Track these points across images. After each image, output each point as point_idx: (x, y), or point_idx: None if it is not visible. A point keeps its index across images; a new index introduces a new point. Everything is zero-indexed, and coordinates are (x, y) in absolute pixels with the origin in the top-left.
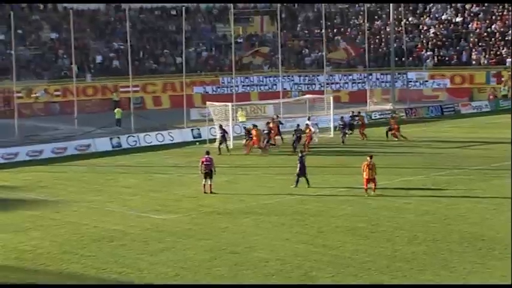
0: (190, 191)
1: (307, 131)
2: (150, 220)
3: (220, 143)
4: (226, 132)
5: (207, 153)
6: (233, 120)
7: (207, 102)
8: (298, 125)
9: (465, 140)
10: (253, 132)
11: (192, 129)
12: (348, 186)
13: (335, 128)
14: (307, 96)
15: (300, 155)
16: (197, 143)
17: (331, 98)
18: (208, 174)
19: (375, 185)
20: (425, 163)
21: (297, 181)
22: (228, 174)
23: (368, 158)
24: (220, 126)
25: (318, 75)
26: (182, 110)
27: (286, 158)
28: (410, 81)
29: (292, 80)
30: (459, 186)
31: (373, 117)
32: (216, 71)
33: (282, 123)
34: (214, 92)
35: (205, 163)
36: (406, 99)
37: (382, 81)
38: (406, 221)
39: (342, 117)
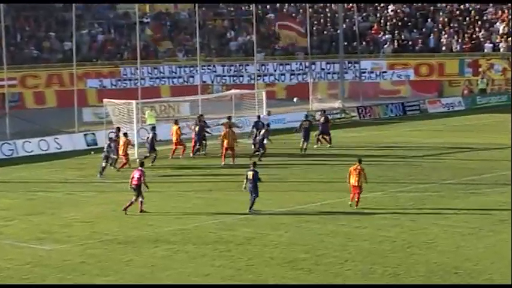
0: (84, 214)
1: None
2: (31, 251)
3: (105, 159)
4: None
5: (141, 164)
6: (139, 122)
7: (105, 100)
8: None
9: (433, 146)
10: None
11: (85, 134)
12: (285, 207)
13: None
14: (233, 91)
15: (251, 167)
16: (92, 152)
17: (264, 93)
18: (137, 190)
19: (359, 197)
20: (383, 176)
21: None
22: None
23: (356, 163)
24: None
25: (246, 65)
26: (72, 109)
27: (205, 170)
28: (364, 72)
29: (214, 71)
30: (426, 206)
31: (317, 118)
32: (115, 60)
33: (208, 126)
34: (113, 87)
35: (136, 177)
36: (358, 95)
37: (328, 72)
38: (360, 250)
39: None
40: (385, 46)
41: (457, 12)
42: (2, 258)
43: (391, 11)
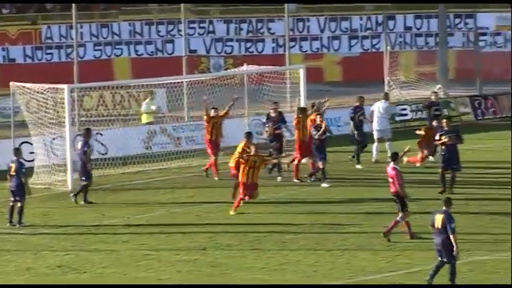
0: None
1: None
2: None
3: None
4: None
5: (393, 158)
6: (74, 124)
7: (12, 84)
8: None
9: None
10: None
11: None
12: (343, 278)
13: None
14: (246, 68)
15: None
16: None
17: (302, 72)
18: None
19: None
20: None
21: None
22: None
23: None
24: None
25: (270, 21)
26: None
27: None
28: (484, 35)
29: (211, 32)
30: None
31: (398, 115)
32: (31, 12)
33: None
34: (28, 60)
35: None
36: (473, 75)
37: (419, 35)
38: None
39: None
40: None
41: None
42: None
43: None
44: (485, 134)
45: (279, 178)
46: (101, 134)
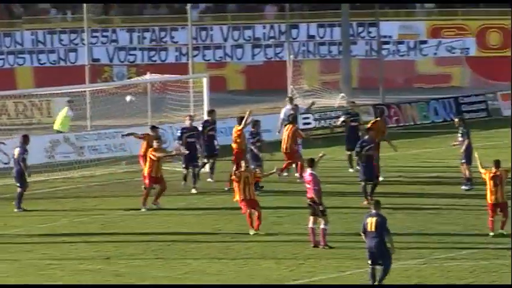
0: None
1: None
2: None
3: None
4: None
5: (310, 163)
6: None
7: None
8: None
9: None
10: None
11: None
12: None
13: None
14: (150, 77)
15: (372, 210)
16: None
17: (205, 81)
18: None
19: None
20: (424, 233)
21: None
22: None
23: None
24: None
25: (173, 30)
26: None
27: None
28: (387, 43)
29: (115, 41)
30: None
31: (303, 125)
32: None
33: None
34: None
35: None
36: (377, 83)
37: (322, 43)
38: None
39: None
40: None
41: None
42: None
43: None
44: (386, 142)
45: (193, 190)
46: (4, 143)
